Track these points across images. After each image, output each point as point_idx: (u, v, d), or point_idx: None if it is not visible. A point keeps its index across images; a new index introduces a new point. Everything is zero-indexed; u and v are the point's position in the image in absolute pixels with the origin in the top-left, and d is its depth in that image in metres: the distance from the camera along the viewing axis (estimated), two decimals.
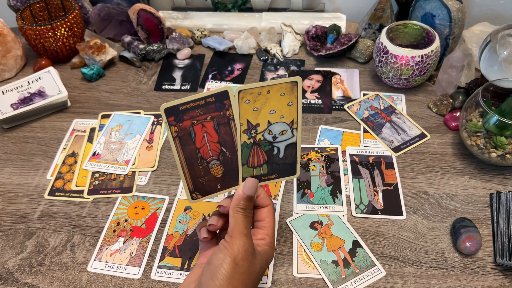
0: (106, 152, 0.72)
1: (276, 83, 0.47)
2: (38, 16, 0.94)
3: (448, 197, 0.63)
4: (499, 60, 0.70)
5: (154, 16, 0.90)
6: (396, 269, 0.55)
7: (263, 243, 0.47)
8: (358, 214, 0.61)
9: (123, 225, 0.62)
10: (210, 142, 0.49)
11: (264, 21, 0.98)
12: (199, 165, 0.50)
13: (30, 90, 0.79)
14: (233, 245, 0.44)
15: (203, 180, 0.50)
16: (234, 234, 0.45)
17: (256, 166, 0.51)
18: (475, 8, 0.98)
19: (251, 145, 0.50)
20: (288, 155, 0.52)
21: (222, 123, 0.49)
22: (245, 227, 0.46)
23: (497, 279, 0.54)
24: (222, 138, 0.49)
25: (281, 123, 0.50)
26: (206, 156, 0.50)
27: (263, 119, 0.49)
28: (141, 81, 0.87)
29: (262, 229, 0.49)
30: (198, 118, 0.48)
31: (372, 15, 0.88)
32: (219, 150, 0.50)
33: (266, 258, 0.47)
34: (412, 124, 0.74)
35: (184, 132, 0.48)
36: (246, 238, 0.45)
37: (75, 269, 0.57)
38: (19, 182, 0.68)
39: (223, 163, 0.50)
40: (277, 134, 0.50)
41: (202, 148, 0.49)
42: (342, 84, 0.83)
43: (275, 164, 0.52)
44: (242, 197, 0.48)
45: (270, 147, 0.51)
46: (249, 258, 0.44)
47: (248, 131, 0.49)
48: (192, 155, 0.49)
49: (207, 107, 0.47)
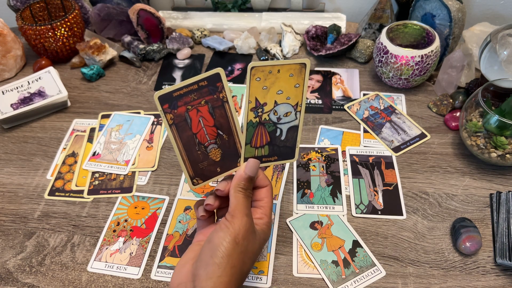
0: (106, 152, 0.72)
1: (286, 63, 0.47)
2: (38, 16, 0.94)
3: (448, 197, 0.63)
4: (499, 60, 0.70)
5: (154, 16, 0.90)
6: (396, 269, 0.55)
7: (261, 222, 0.48)
8: (358, 214, 0.61)
9: (123, 225, 0.62)
10: (207, 126, 0.49)
11: (264, 21, 0.98)
12: (197, 150, 0.50)
13: (30, 90, 0.79)
14: (234, 224, 0.45)
15: (203, 165, 0.50)
16: (235, 214, 0.45)
17: (258, 147, 0.52)
18: (475, 8, 0.98)
19: (257, 125, 0.50)
20: (289, 137, 0.52)
21: (216, 106, 0.49)
22: (246, 207, 0.46)
23: (497, 279, 0.54)
24: (218, 121, 0.49)
25: (286, 104, 0.50)
26: (204, 141, 0.50)
27: (271, 99, 0.49)
28: (141, 81, 0.87)
29: (260, 208, 0.50)
30: (192, 103, 0.48)
31: (372, 15, 0.88)
32: (216, 134, 0.50)
33: (264, 237, 0.48)
34: (412, 124, 0.74)
35: (179, 118, 0.48)
36: (247, 218, 0.46)
37: (75, 269, 0.57)
38: (19, 182, 0.68)
39: (221, 146, 0.50)
40: (281, 115, 0.51)
41: (199, 133, 0.49)
42: (342, 84, 0.83)
43: (276, 146, 0.52)
44: (244, 178, 0.48)
45: (273, 128, 0.51)
46: (249, 237, 0.45)
47: (256, 109, 0.49)
48: (190, 141, 0.49)
49: (200, 91, 0.47)
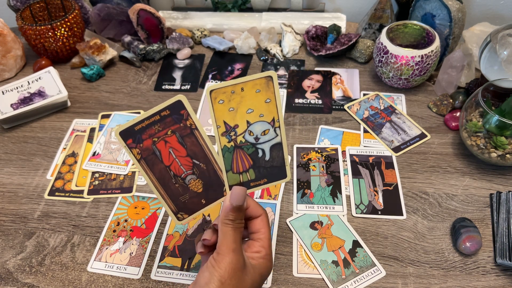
0: (106, 152, 0.72)
1: (249, 80, 0.44)
2: (38, 16, 0.94)
3: (448, 197, 0.63)
4: (499, 60, 0.70)
5: (154, 16, 0.90)
6: (396, 269, 0.55)
7: (258, 256, 0.45)
8: (358, 214, 0.61)
9: (123, 225, 0.62)
10: (179, 157, 0.46)
11: (264, 21, 0.98)
12: (175, 183, 0.47)
13: (30, 90, 0.79)
14: (220, 263, 0.42)
15: (184, 198, 0.48)
16: (221, 251, 0.43)
17: (242, 172, 0.48)
18: (475, 8, 0.98)
19: (233, 149, 0.47)
20: (275, 157, 0.48)
21: (185, 135, 0.46)
22: (234, 241, 0.44)
23: (497, 279, 0.54)
24: (190, 151, 0.46)
25: (261, 122, 0.47)
26: (179, 173, 0.47)
27: (241, 120, 0.46)
28: (141, 81, 0.87)
29: (258, 241, 0.46)
30: (158, 135, 0.45)
31: (372, 15, 0.88)
32: (192, 164, 0.47)
33: (261, 271, 0.45)
34: (412, 124, 0.74)
35: (147, 152, 0.45)
36: (234, 254, 0.43)
37: (75, 269, 0.57)
38: (19, 182, 0.68)
39: (200, 176, 0.47)
40: (259, 135, 0.47)
41: (172, 165, 0.46)
42: (342, 84, 0.83)
43: (262, 168, 0.49)
44: (230, 208, 0.44)
45: (253, 150, 0.48)
46: (237, 275, 0.42)
47: (227, 133, 0.46)
48: (164, 174, 0.46)
49: (164, 121, 0.44)
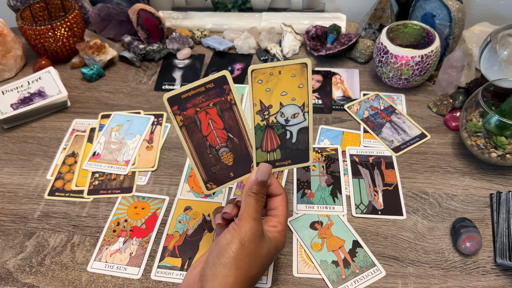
0: (106, 152, 0.72)
1: (286, 64, 0.48)
2: (38, 16, 0.94)
3: (448, 197, 0.63)
4: (499, 60, 0.70)
5: (154, 16, 0.90)
6: (396, 269, 0.55)
7: (275, 230, 0.48)
8: (358, 214, 0.61)
9: (123, 225, 0.62)
10: (216, 129, 0.49)
11: (264, 21, 0.98)
12: (209, 154, 0.50)
13: (30, 90, 0.79)
14: (241, 227, 0.45)
15: (215, 169, 0.51)
16: (243, 217, 0.46)
17: (269, 151, 0.51)
18: (475, 8, 0.98)
19: (265, 128, 0.50)
20: (300, 140, 0.52)
21: (225, 109, 0.49)
22: (255, 211, 0.47)
23: (497, 279, 0.54)
24: (227, 124, 0.49)
25: (292, 105, 0.50)
26: (215, 144, 0.50)
27: (276, 101, 0.49)
28: (141, 81, 0.87)
29: (275, 217, 0.50)
30: (201, 105, 0.48)
31: (372, 15, 0.88)
32: (226, 137, 0.50)
33: (276, 244, 0.48)
34: (412, 124, 0.74)
35: (189, 120, 0.48)
36: (255, 222, 0.46)
37: (75, 269, 0.57)
38: (19, 182, 0.68)
39: (232, 150, 0.50)
40: (289, 117, 0.50)
41: (209, 135, 0.49)
42: (342, 84, 0.83)
43: (288, 150, 0.52)
44: (255, 182, 0.48)
45: (283, 131, 0.51)
46: (255, 240, 0.45)
47: (262, 112, 0.49)
48: (201, 143, 0.49)
49: (207, 93, 0.48)
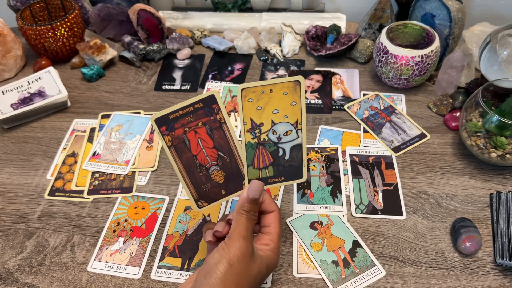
0: (106, 152, 0.72)
1: (278, 82, 0.47)
2: (38, 16, 0.94)
3: (448, 197, 0.63)
4: (499, 60, 0.70)
5: (154, 16, 0.90)
6: (396, 269, 0.55)
7: (267, 248, 0.48)
8: (358, 214, 0.61)
9: (123, 225, 0.62)
10: (206, 148, 0.49)
11: (264, 21, 0.98)
12: (199, 172, 0.50)
13: (30, 90, 0.79)
14: (231, 247, 0.44)
15: (206, 187, 0.50)
16: (232, 236, 0.45)
17: (261, 168, 0.51)
18: (475, 8, 0.98)
19: (256, 145, 0.50)
20: (294, 157, 0.51)
21: (214, 128, 0.49)
22: (245, 229, 0.46)
23: (497, 279, 0.54)
24: (217, 143, 0.49)
25: (285, 123, 0.50)
26: (205, 163, 0.50)
27: (267, 119, 0.49)
28: (141, 81, 0.87)
29: (267, 234, 0.49)
30: (190, 125, 0.48)
31: (372, 15, 0.88)
32: (217, 155, 0.50)
33: (267, 263, 0.47)
34: (412, 124, 0.74)
35: (178, 140, 0.48)
36: (244, 241, 0.45)
37: (75, 269, 0.57)
38: (19, 182, 0.68)
39: (223, 168, 0.50)
40: (281, 135, 0.50)
41: (199, 154, 0.49)
42: (342, 84, 0.83)
43: (281, 166, 0.51)
44: (246, 200, 0.48)
45: (275, 148, 0.51)
46: (245, 260, 0.44)
47: (252, 130, 0.49)
48: (190, 162, 0.49)
49: (196, 113, 0.47)
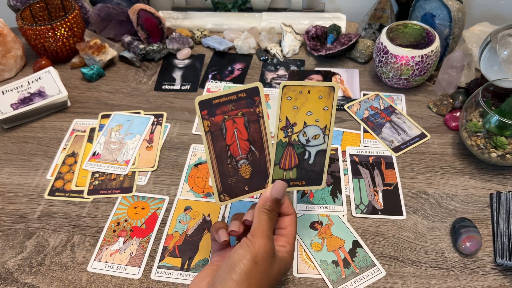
0: (106, 152, 0.72)
1: (316, 85, 0.48)
2: (38, 16, 0.94)
3: (448, 197, 0.63)
4: (499, 60, 0.70)
5: (154, 16, 0.90)
6: (396, 269, 0.55)
7: (284, 250, 0.48)
8: (358, 214, 0.61)
9: (123, 225, 0.62)
10: (240, 140, 0.49)
11: (264, 21, 0.98)
12: (228, 164, 0.49)
13: (30, 90, 0.79)
14: (255, 244, 0.44)
15: (232, 180, 0.50)
16: (256, 234, 0.45)
17: (287, 169, 0.51)
18: (475, 8, 0.98)
19: (286, 145, 0.50)
20: (317, 162, 0.52)
21: (252, 120, 0.49)
22: (268, 229, 0.46)
23: (497, 279, 0.54)
24: (251, 136, 0.49)
25: (315, 126, 0.50)
26: (236, 154, 0.49)
27: (300, 119, 0.50)
28: (141, 81, 0.87)
29: (284, 236, 0.49)
30: (230, 114, 0.48)
31: (372, 15, 0.88)
32: (248, 149, 0.50)
33: (285, 264, 0.47)
34: (412, 124, 0.74)
35: (215, 127, 0.48)
36: (268, 239, 0.45)
37: (75, 269, 0.57)
38: (19, 182, 0.68)
39: (252, 163, 0.50)
40: (310, 138, 0.51)
41: (232, 145, 0.49)
42: (342, 84, 0.83)
43: (304, 170, 0.52)
44: (269, 199, 0.48)
45: (302, 150, 0.51)
46: (268, 259, 0.44)
47: (286, 129, 0.50)
48: (222, 152, 0.49)
49: (238, 102, 0.48)
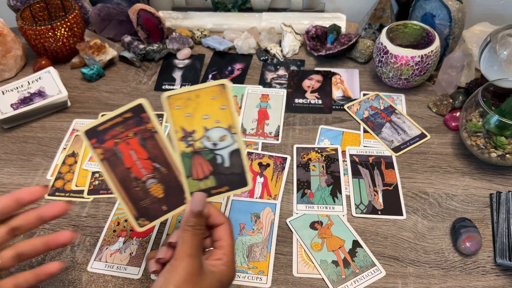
0: None
1: (203, 87, 0.46)
2: (38, 16, 0.94)
3: (448, 197, 0.63)
4: (499, 60, 0.70)
5: (154, 16, 0.90)
6: (396, 269, 0.55)
7: (220, 263, 0.45)
8: (358, 214, 0.61)
9: (123, 225, 0.62)
10: (140, 160, 0.47)
11: (264, 21, 0.98)
12: (135, 187, 0.47)
13: (30, 90, 0.79)
14: (176, 268, 0.42)
15: (145, 203, 0.48)
16: (178, 256, 0.43)
17: (202, 178, 0.48)
18: (475, 8, 0.98)
19: (191, 154, 0.48)
20: (234, 163, 0.49)
21: (146, 138, 0.46)
22: (191, 247, 0.44)
23: (497, 279, 0.54)
24: (151, 153, 0.47)
25: (218, 128, 0.48)
26: (140, 176, 0.47)
27: (198, 125, 0.47)
28: (141, 81, 0.87)
29: (220, 248, 0.46)
30: (120, 136, 0.46)
31: (372, 15, 0.88)
32: (152, 167, 0.47)
33: (220, 278, 0.45)
34: (412, 124, 0.74)
35: (109, 153, 0.46)
36: (190, 259, 0.43)
37: (75, 269, 0.57)
38: (19, 182, 0.68)
39: (161, 181, 0.48)
40: (216, 141, 0.48)
41: (133, 167, 0.47)
42: (342, 84, 0.83)
43: (222, 175, 0.49)
44: (191, 214, 0.45)
45: (212, 156, 0.48)
46: (192, 280, 0.42)
47: (185, 138, 0.47)
48: (125, 176, 0.46)
49: (126, 123, 0.45)
